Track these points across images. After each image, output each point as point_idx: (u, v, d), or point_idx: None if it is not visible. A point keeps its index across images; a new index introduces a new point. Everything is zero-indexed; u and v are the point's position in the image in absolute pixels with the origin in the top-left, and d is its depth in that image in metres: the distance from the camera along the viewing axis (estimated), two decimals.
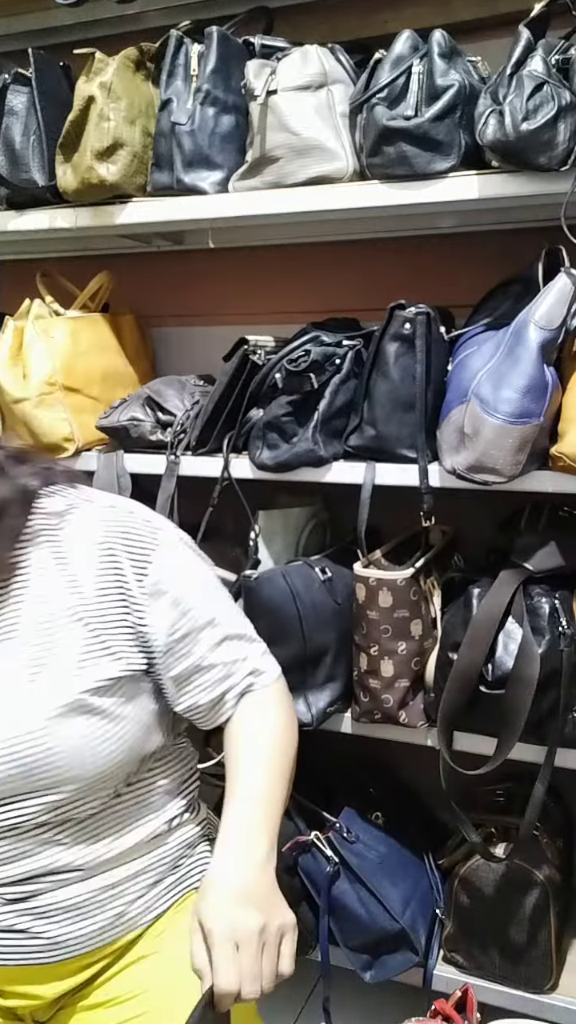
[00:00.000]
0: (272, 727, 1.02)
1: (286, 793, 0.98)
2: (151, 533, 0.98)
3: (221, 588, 1.05)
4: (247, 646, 1.05)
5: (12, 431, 1.58)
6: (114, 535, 0.96)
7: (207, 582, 1.03)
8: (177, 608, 0.97)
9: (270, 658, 1.08)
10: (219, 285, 1.82)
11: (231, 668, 1.02)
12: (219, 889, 0.87)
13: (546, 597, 1.27)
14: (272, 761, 0.98)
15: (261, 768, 0.97)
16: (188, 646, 0.98)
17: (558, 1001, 1.41)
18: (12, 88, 1.51)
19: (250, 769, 0.97)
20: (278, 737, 1.01)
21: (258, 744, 1.00)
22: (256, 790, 0.95)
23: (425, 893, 1.52)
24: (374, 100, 1.26)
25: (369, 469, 1.34)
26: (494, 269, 1.47)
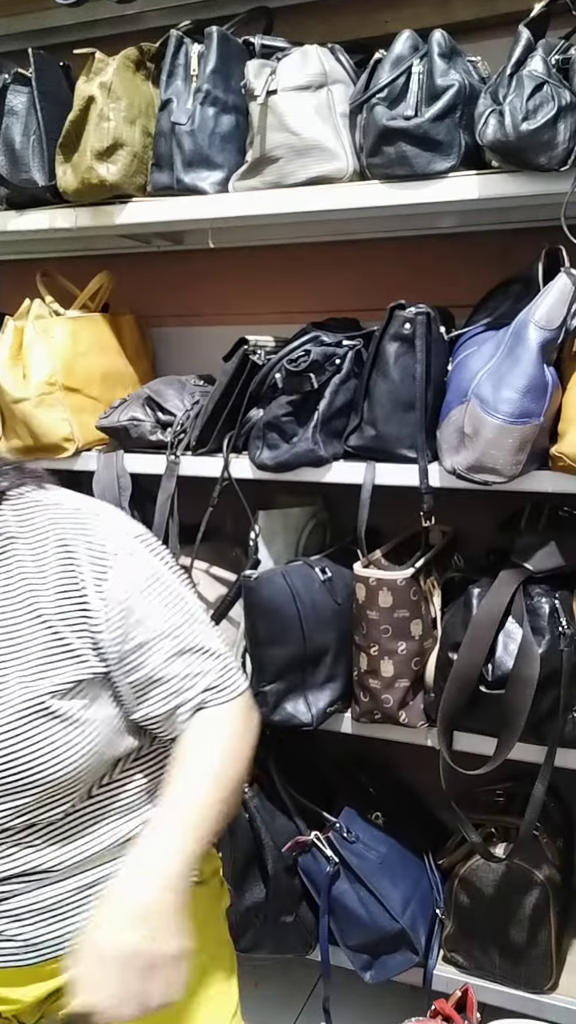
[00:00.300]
0: (216, 747, 0.96)
1: (220, 814, 0.92)
2: (114, 539, 0.95)
3: (185, 599, 1.00)
4: (206, 661, 0.99)
5: (12, 431, 1.58)
6: (77, 539, 0.94)
7: (169, 593, 0.98)
8: (132, 617, 0.94)
9: (234, 674, 1.02)
10: (219, 285, 1.82)
11: (185, 683, 0.97)
12: (117, 902, 0.83)
13: (546, 597, 1.27)
14: (208, 782, 0.93)
15: (194, 789, 0.92)
16: (141, 657, 0.95)
17: (558, 1001, 1.41)
18: (12, 88, 1.51)
19: (183, 788, 0.92)
20: (220, 758, 0.95)
21: (197, 764, 0.95)
22: (184, 810, 0.90)
23: (425, 893, 1.52)
24: (374, 100, 1.26)
25: (369, 469, 1.34)
26: (494, 269, 1.47)
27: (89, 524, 0.95)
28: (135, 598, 0.94)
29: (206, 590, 1.61)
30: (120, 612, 0.93)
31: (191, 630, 0.98)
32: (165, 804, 0.91)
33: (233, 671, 1.01)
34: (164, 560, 1.01)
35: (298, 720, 1.40)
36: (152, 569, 0.97)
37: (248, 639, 1.44)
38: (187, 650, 0.97)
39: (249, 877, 1.54)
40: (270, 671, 1.40)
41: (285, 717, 1.41)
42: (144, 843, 0.88)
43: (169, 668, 0.96)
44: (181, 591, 1.00)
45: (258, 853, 1.52)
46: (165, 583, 0.98)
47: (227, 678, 1.00)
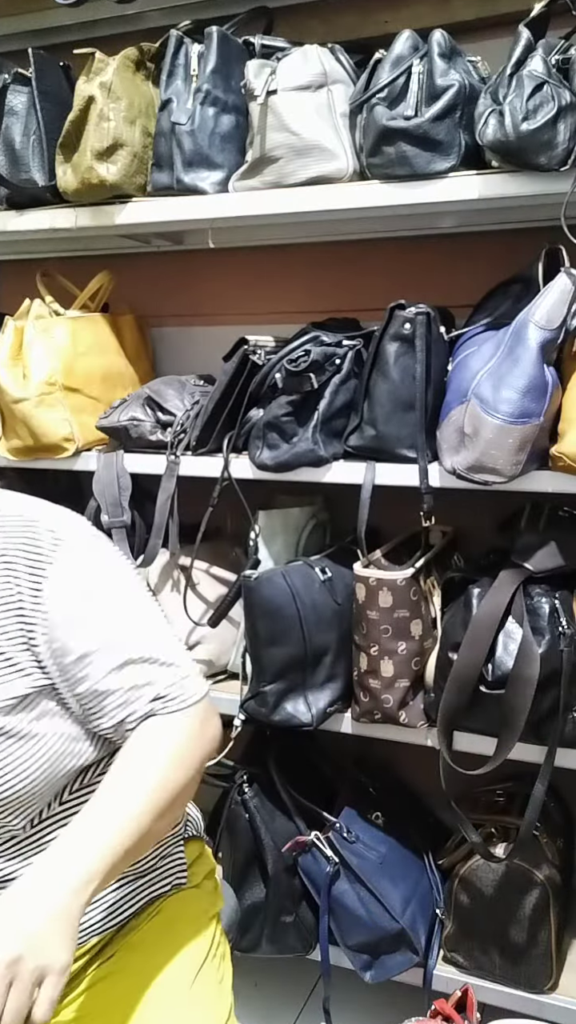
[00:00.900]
0: (155, 757, 0.90)
1: (148, 826, 0.86)
2: (52, 545, 0.91)
3: (135, 606, 0.96)
4: (156, 670, 0.93)
5: (12, 431, 1.58)
6: (13, 545, 0.90)
7: (114, 600, 0.93)
8: (70, 627, 0.90)
9: (188, 682, 0.95)
10: (219, 285, 1.82)
11: (131, 695, 0.92)
12: (4, 908, 0.76)
13: (546, 597, 1.27)
14: (139, 792, 0.86)
15: (123, 796, 0.86)
16: (83, 669, 0.90)
17: (558, 1001, 1.41)
18: (12, 88, 1.51)
19: (110, 795, 0.86)
20: (157, 769, 0.89)
21: (130, 774, 0.88)
22: (105, 818, 0.84)
23: (425, 893, 1.52)
24: (374, 100, 1.26)
25: (369, 469, 1.34)
26: (494, 269, 1.47)
27: (26, 531, 0.91)
28: (73, 609, 0.90)
29: (206, 590, 1.61)
30: (57, 624, 0.89)
31: (138, 639, 0.93)
32: (87, 813, 0.85)
33: (187, 680, 0.96)
34: (112, 565, 0.96)
35: (298, 720, 1.40)
36: (93, 575, 0.93)
37: (248, 639, 1.44)
38: (133, 660, 0.92)
39: (249, 877, 1.54)
40: (270, 671, 1.40)
41: (285, 717, 1.41)
42: (53, 847, 0.82)
43: (113, 680, 0.91)
44: (129, 597, 0.95)
45: (258, 853, 1.52)
46: (109, 590, 0.94)
47: (179, 687, 0.94)
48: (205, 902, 1.11)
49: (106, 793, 0.87)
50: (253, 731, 1.67)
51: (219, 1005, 1.02)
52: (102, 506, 1.54)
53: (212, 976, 1.04)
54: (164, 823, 0.89)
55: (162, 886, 1.07)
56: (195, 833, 1.18)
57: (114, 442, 1.59)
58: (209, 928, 1.08)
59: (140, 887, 1.05)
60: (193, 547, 1.53)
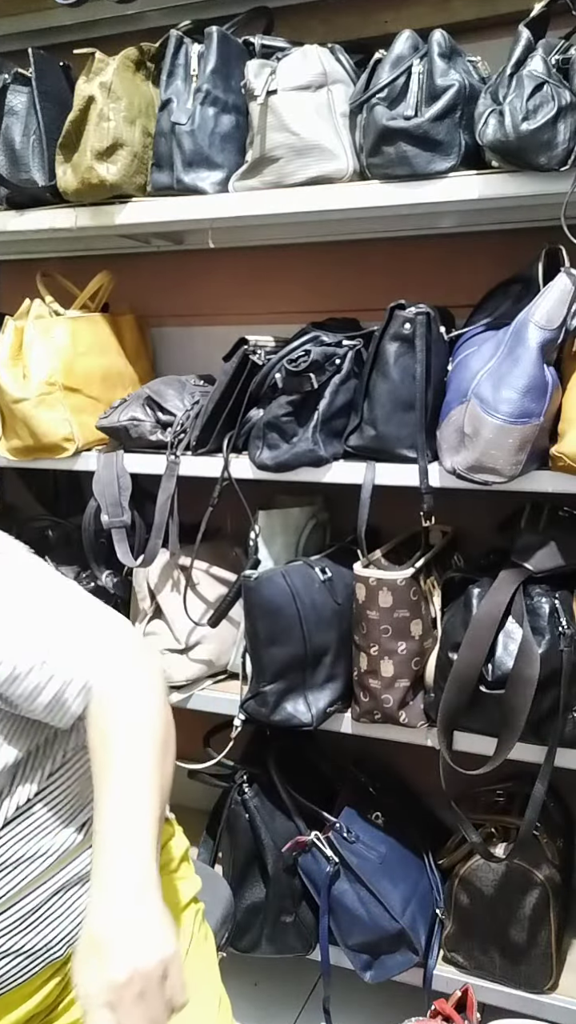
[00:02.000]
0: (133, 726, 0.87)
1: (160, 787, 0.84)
2: None
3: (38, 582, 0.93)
4: (75, 633, 0.91)
5: (12, 431, 1.58)
6: None
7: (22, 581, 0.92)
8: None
9: (117, 632, 0.94)
10: (219, 285, 1.82)
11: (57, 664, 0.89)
12: (84, 942, 0.75)
13: (546, 597, 1.27)
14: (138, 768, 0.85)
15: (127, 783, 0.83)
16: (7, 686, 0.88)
17: (558, 1001, 1.41)
18: (12, 88, 1.51)
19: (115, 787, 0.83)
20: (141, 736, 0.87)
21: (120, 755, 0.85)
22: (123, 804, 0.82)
23: (425, 893, 1.52)
24: (374, 100, 1.26)
25: (369, 469, 1.35)
26: (494, 269, 1.47)
27: None
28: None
29: (206, 590, 1.61)
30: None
31: (46, 611, 0.91)
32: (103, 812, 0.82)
33: (116, 630, 0.93)
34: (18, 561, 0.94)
35: (298, 720, 1.40)
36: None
37: (248, 639, 1.44)
38: (47, 631, 0.90)
39: (249, 877, 1.54)
40: (270, 671, 1.40)
41: (285, 717, 1.41)
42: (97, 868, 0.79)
43: (31, 653, 0.88)
44: (26, 589, 0.92)
45: (258, 853, 1.52)
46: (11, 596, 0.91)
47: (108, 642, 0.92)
48: (181, 886, 1.10)
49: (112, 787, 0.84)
50: (253, 731, 1.67)
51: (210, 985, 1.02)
52: (102, 506, 1.54)
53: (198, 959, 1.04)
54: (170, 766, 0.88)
55: None
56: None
57: (114, 442, 1.59)
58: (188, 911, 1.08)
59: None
60: (193, 547, 1.53)
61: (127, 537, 1.56)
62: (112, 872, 0.78)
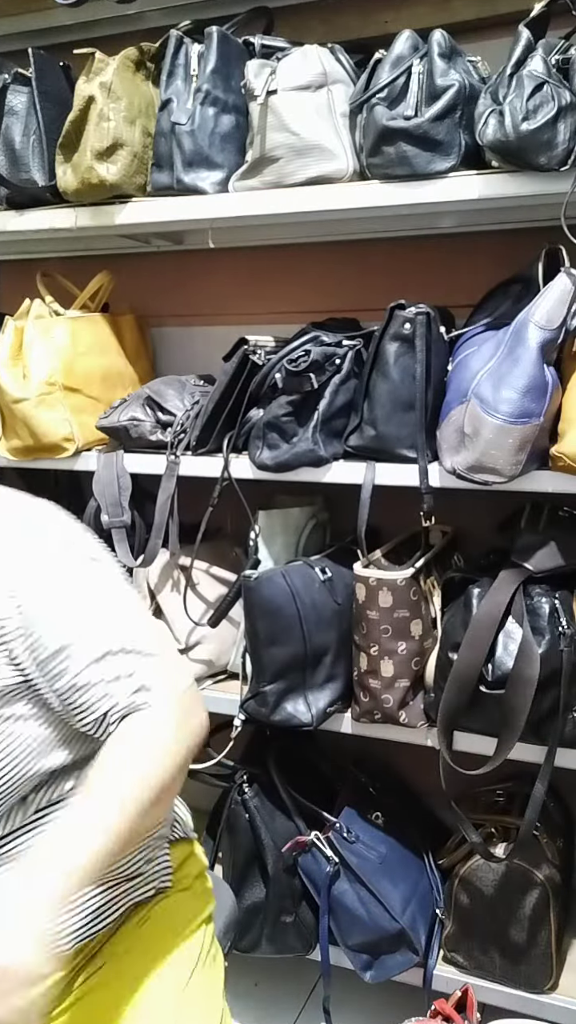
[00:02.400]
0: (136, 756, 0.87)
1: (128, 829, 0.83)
2: (26, 539, 0.90)
3: (113, 597, 0.93)
4: (136, 660, 0.91)
5: (12, 431, 1.58)
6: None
7: (90, 591, 0.91)
8: (45, 621, 0.88)
9: (172, 671, 0.94)
10: (219, 285, 1.82)
11: (113, 687, 0.89)
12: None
13: (546, 597, 1.27)
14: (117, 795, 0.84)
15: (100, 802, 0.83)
16: (62, 663, 0.89)
17: (558, 1001, 1.41)
18: (12, 88, 1.51)
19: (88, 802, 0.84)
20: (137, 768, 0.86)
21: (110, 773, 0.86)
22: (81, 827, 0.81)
23: (425, 893, 1.52)
24: (374, 100, 1.26)
25: (369, 469, 1.34)
26: (494, 269, 1.47)
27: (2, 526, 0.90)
28: (48, 602, 0.89)
29: (206, 590, 1.61)
30: (32, 617, 0.88)
31: (117, 629, 0.92)
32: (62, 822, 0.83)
33: (170, 667, 0.94)
34: (88, 555, 0.94)
35: (298, 720, 1.40)
36: (68, 569, 0.91)
37: (248, 639, 1.44)
38: (112, 651, 0.90)
39: (249, 877, 1.54)
40: (270, 671, 1.40)
41: (285, 717, 1.41)
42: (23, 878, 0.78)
43: (93, 672, 0.89)
44: (106, 588, 0.94)
45: (258, 853, 1.52)
46: (83, 583, 0.92)
47: (161, 677, 0.92)
48: (195, 905, 1.09)
49: (84, 800, 0.85)
50: (253, 731, 1.67)
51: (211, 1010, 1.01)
52: (102, 506, 1.54)
53: (203, 981, 1.03)
54: (148, 821, 0.87)
55: (146, 890, 1.05)
56: (183, 835, 1.15)
57: (114, 442, 1.59)
58: (199, 932, 1.07)
59: (123, 893, 1.02)
60: (193, 547, 1.53)
61: (127, 537, 1.56)
62: (26, 907, 0.76)
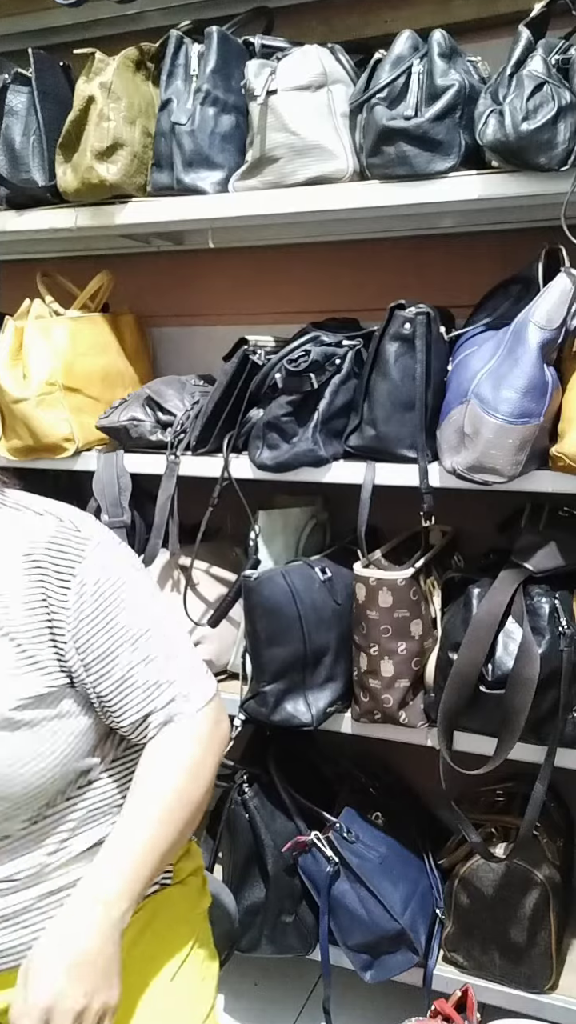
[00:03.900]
0: (174, 774, 0.94)
1: (169, 843, 0.92)
2: (78, 544, 0.94)
3: (151, 604, 0.99)
4: (175, 668, 0.98)
5: (12, 431, 1.58)
6: (40, 546, 0.92)
7: (136, 597, 0.97)
8: (95, 624, 0.93)
9: (203, 680, 1.00)
10: (219, 285, 1.82)
11: (153, 692, 0.96)
12: (54, 954, 0.82)
13: (546, 597, 1.27)
14: (161, 812, 0.92)
15: (145, 819, 0.91)
16: (107, 665, 0.94)
17: (558, 1001, 1.41)
18: (12, 88, 1.51)
19: (134, 819, 0.92)
20: (175, 786, 0.94)
21: (153, 790, 0.93)
22: (137, 845, 0.89)
23: (425, 893, 1.52)
24: (374, 100, 1.26)
25: (369, 469, 1.34)
26: (494, 269, 1.47)
27: (52, 531, 0.94)
28: (99, 604, 0.94)
29: (206, 590, 1.61)
30: (83, 621, 0.93)
31: (157, 636, 0.97)
32: (119, 835, 0.90)
33: (201, 676, 1.00)
34: (130, 563, 0.99)
35: (298, 720, 1.40)
36: (117, 573, 0.96)
37: (248, 639, 1.44)
38: (155, 657, 0.96)
39: (249, 877, 1.54)
40: (270, 671, 1.40)
41: (285, 717, 1.41)
42: (94, 877, 0.87)
43: (137, 676, 0.95)
44: (147, 596, 0.99)
45: (258, 853, 1.52)
46: (130, 589, 0.97)
47: (197, 685, 0.99)
48: (190, 899, 1.10)
49: (128, 819, 0.91)
50: (253, 731, 1.67)
51: (200, 1001, 1.02)
52: (102, 506, 1.54)
53: (194, 972, 1.04)
54: (185, 835, 0.94)
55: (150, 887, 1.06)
56: None
57: (114, 442, 1.59)
58: (192, 924, 1.08)
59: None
60: (193, 547, 1.53)
61: (127, 537, 1.56)
62: (99, 905, 0.84)
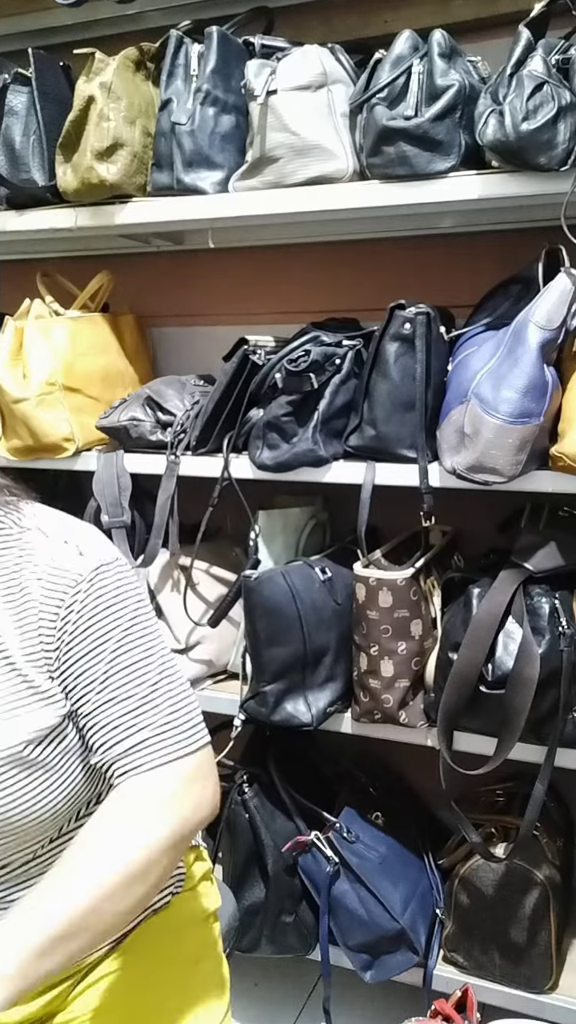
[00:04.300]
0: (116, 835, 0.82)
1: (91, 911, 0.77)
2: (79, 570, 0.88)
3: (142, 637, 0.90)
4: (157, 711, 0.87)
5: (12, 431, 1.58)
6: (41, 570, 0.88)
7: (132, 627, 0.90)
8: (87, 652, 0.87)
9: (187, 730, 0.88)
10: (219, 285, 1.82)
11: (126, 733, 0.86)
12: None
13: (546, 597, 1.27)
14: (86, 878, 0.78)
15: (66, 882, 0.78)
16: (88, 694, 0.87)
17: (558, 1001, 1.41)
18: (12, 88, 1.51)
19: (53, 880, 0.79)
20: (112, 852, 0.80)
21: (84, 852, 0.81)
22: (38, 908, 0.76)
23: (425, 893, 1.52)
24: (374, 100, 1.26)
25: (369, 469, 1.35)
26: (494, 269, 1.47)
27: (54, 555, 0.89)
28: (92, 633, 0.87)
29: (206, 590, 1.61)
30: (75, 647, 0.87)
31: (148, 673, 0.89)
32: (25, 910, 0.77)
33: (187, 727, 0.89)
34: (129, 592, 0.92)
35: (298, 720, 1.40)
36: (118, 601, 0.90)
37: (248, 639, 1.44)
38: (138, 695, 0.87)
39: (249, 877, 1.54)
40: (270, 671, 1.40)
41: (285, 717, 1.41)
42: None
43: (113, 711, 0.86)
44: (144, 624, 0.92)
45: (258, 853, 1.52)
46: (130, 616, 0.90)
47: (177, 732, 0.88)
48: (201, 904, 1.10)
49: (50, 878, 0.80)
50: (253, 731, 1.67)
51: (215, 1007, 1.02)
52: (102, 506, 1.54)
53: (208, 978, 1.04)
54: (122, 904, 0.80)
55: (161, 898, 1.05)
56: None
57: (114, 442, 1.59)
58: (204, 930, 1.07)
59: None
60: (193, 547, 1.53)
61: (127, 537, 1.56)
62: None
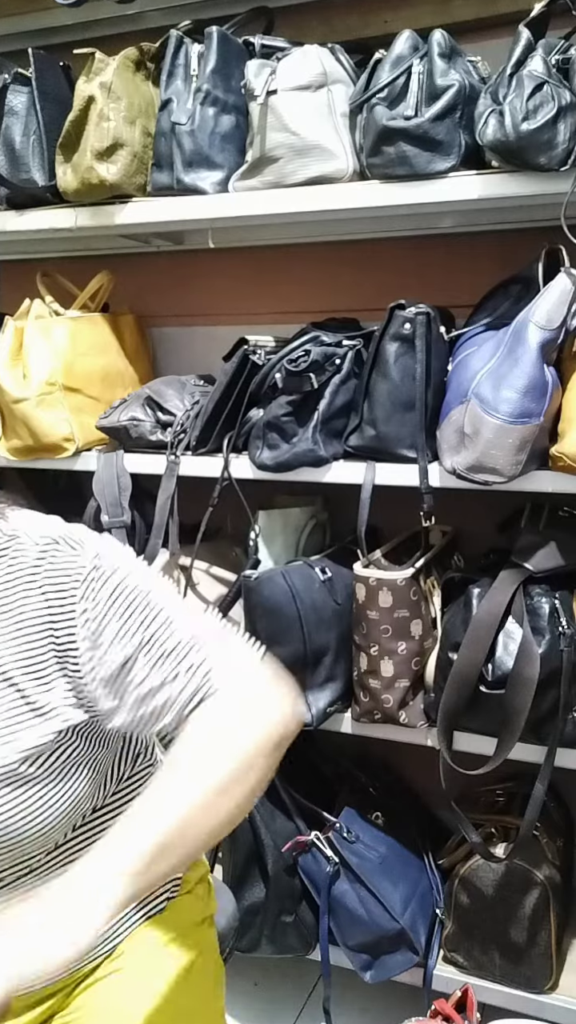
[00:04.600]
0: (203, 762, 0.81)
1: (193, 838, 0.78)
2: (80, 563, 0.87)
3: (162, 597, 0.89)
4: (195, 653, 0.87)
5: (12, 431, 1.58)
6: (41, 578, 0.86)
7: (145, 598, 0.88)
8: (108, 642, 0.85)
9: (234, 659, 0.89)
10: (219, 285, 1.82)
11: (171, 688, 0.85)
12: (11, 935, 0.69)
13: (546, 597, 1.27)
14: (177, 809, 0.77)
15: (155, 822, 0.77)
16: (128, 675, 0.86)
17: (558, 1001, 1.41)
18: (12, 88, 1.51)
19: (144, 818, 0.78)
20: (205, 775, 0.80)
21: (173, 786, 0.80)
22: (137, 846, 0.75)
23: (425, 893, 1.52)
24: (374, 100, 1.26)
25: (369, 469, 1.35)
26: (494, 269, 1.47)
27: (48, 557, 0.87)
28: (108, 622, 0.86)
29: (206, 590, 1.61)
30: (94, 642, 0.85)
31: (176, 629, 0.88)
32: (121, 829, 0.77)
33: (239, 646, 0.90)
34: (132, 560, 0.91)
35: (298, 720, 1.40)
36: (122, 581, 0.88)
37: None
38: (170, 651, 0.86)
39: (249, 877, 1.54)
40: None
41: None
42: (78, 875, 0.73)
43: (156, 675, 0.85)
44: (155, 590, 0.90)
45: (258, 853, 1.52)
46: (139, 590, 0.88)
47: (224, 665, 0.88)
48: (197, 908, 1.09)
49: (144, 816, 0.79)
50: None
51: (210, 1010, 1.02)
52: (102, 506, 1.54)
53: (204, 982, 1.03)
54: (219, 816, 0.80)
55: (158, 902, 1.05)
56: None
57: (114, 442, 1.59)
58: (200, 933, 1.07)
59: (135, 908, 1.02)
60: (193, 547, 1.52)
61: (127, 537, 1.56)
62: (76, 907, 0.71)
